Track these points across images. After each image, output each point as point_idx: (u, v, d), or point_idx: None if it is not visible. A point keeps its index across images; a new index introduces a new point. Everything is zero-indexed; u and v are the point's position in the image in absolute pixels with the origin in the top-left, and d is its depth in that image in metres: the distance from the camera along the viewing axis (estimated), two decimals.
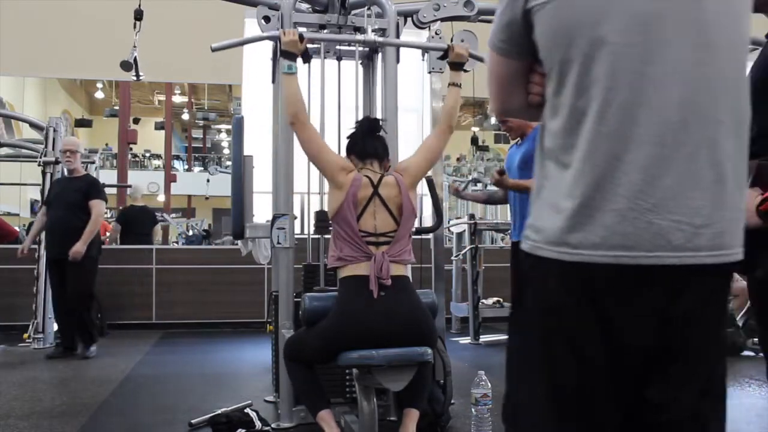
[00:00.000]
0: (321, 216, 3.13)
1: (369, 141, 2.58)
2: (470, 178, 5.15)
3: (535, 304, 1.08)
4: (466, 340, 5.65)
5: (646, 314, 1.01)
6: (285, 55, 2.65)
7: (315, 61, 3.40)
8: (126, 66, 4.76)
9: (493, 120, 14.32)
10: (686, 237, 0.98)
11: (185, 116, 19.95)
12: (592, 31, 1.02)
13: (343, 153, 2.72)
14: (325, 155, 2.57)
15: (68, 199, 4.91)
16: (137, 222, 7.11)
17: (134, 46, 4.69)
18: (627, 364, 1.04)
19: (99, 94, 17.86)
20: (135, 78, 4.94)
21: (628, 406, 1.06)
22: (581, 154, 1.02)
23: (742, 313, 5.33)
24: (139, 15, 4.49)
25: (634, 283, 1.00)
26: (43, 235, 5.48)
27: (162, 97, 18.05)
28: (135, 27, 4.52)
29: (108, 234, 7.43)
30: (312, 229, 3.25)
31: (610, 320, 1.01)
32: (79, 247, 4.73)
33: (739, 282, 5.40)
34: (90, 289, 5.06)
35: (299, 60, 2.73)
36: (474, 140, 12.58)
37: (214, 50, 2.89)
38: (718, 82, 1.01)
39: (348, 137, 2.66)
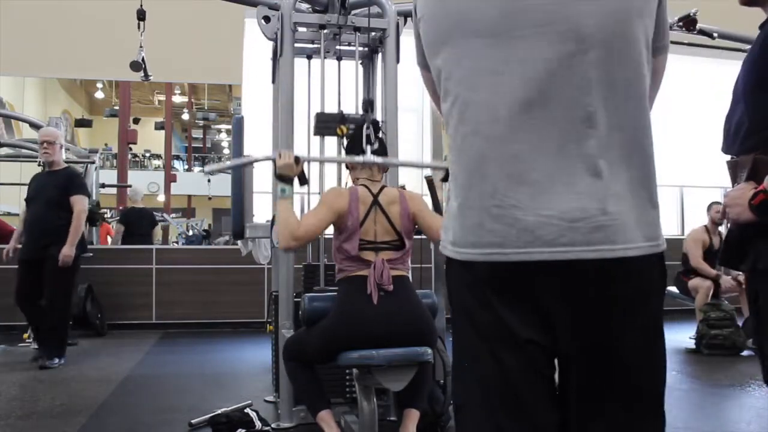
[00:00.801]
0: (321, 117, 3.08)
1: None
2: None
3: (452, 301, 1.11)
4: None
5: (531, 312, 1.00)
6: (279, 178, 2.44)
7: (315, 61, 3.41)
8: (135, 66, 4.76)
9: None
10: (558, 232, 0.96)
11: (185, 116, 19.94)
12: (455, 37, 1.03)
13: (344, 153, 2.72)
14: (323, 218, 2.41)
15: (47, 195, 4.50)
16: (137, 223, 7.25)
17: (141, 47, 4.69)
18: (534, 359, 1.02)
19: (99, 94, 17.85)
20: (144, 78, 4.93)
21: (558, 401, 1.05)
22: (454, 155, 1.05)
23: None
24: (141, 15, 4.49)
25: (513, 280, 1.00)
26: None
27: (162, 97, 18.04)
28: (139, 27, 4.53)
29: (110, 237, 7.46)
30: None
31: (501, 317, 1.01)
32: (67, 251, 4.36)
33: (739, 276, 5.42)
34: (70, 290, 4.68)
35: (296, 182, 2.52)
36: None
37: (206, 174, 2.82)
38: (589, 75, 0.98)
39: (347, 137, 2.65)
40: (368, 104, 2.59)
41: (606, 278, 0.98)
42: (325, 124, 3.08)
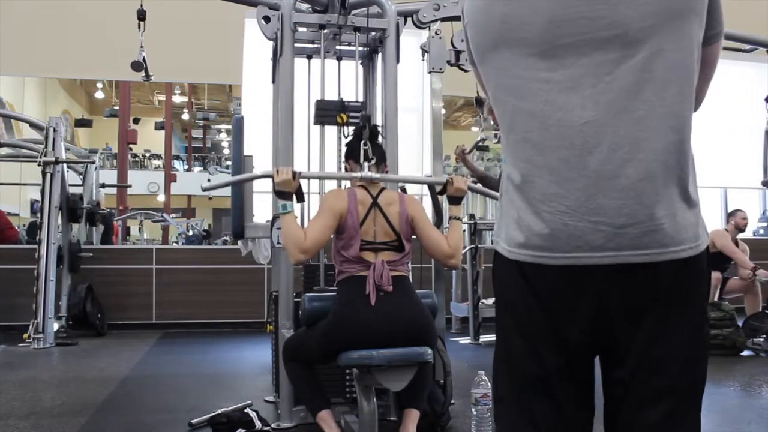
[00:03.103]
0: (321, 104, 3.11)
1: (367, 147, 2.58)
2: (478, 139, 4.82)
3: (497, 296, 1.13)
4: (466, 340, 5.65)
5: (578, 312, 1.02)
6: (278, 194, 2.50)
7: (315, 61, 3.41)
8: (137, 66, 4.76)
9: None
10: (606, 237, 0.97)
11: (185, 116, 19.93)
12: (502, 46, 1.04)
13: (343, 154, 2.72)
14: (327, 224, 2.41)
15: None
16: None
17: (141, 47, 4.69)
18: (579, 357, 1.04)
19: (99, 94, 17.84)
20: (144, 78, 4.93)
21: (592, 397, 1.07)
22: (510, 160, 1.08)
23: (754, 311, 5.36)
24: (142, 15, 4.49)
25: (561, 282, 1.01)
26: (44, 234, 5.49)
27: (162, 97, 18.03)
28: (139, 27, 4.53)
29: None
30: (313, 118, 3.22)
31: (550, 314, 1.04)
32: None
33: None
34: None
35: (294, 198, 2.54)
36: (478, 101, 12.48)
37: (204, 190, 2.85)
38: (638, 79, 0.97)
39: (346, 144, 2.68)
40: (366, 119, 2.60)
41: (653, 281, 0.99)
42: (325, 112, 3.10)
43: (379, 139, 2.70)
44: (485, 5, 1.07)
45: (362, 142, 2.57)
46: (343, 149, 2.75)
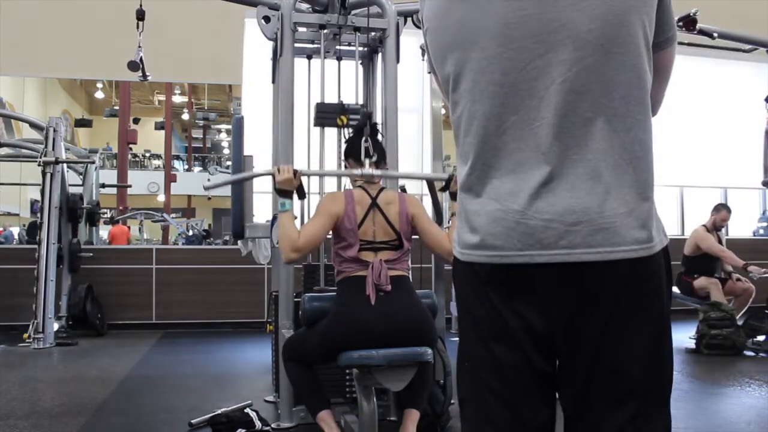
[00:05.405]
0: (321, 107, 3.12)
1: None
2: None
3: (457, 301, 1.14)
4: None
5: (532, 312, 1.02)
6: (279, 192, 2.49)
7: (315, 61, 3.41)
8: (133, 66, 4.76)
9: None
10: (557, 235, 0.98)
11: (185, 116, 19.94)
12: (458, 50, 1.06)
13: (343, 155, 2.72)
14: (322, 225, 2.42)
15: None
16: None
17: (139, 46, 4.69)
18: (535, 361, 1.04)
19: (99, 94, 17.86)
20: (141, 78, 4.93)
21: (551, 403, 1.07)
22: (463, 163, 1.09)
23: (741, 313, 5.34)
24: (141, 15, 4.49)
25: (514, 281, 1.02)
26: (44, 234, 5.49)
27: (162, 97, 18.04)
28: (138, 27, 4.53)
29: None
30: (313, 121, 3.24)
31: (500, 317, 1.04)
32: None
33: (741, 282, 5.43)
34: None
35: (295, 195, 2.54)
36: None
37: (206, 189, 2.85)
38: (588, 81, 0.99)
39: (346, 142, 2.68)
40: (367, 116, 2.60)
41: (607, 280, 0.99)
42: (325, 115, 3.11)
43: (379, 137, 2.69)
44: (443, 11, 1.09)
45: (363, 138, 2.57)
46: (343, 148, 2.75)
